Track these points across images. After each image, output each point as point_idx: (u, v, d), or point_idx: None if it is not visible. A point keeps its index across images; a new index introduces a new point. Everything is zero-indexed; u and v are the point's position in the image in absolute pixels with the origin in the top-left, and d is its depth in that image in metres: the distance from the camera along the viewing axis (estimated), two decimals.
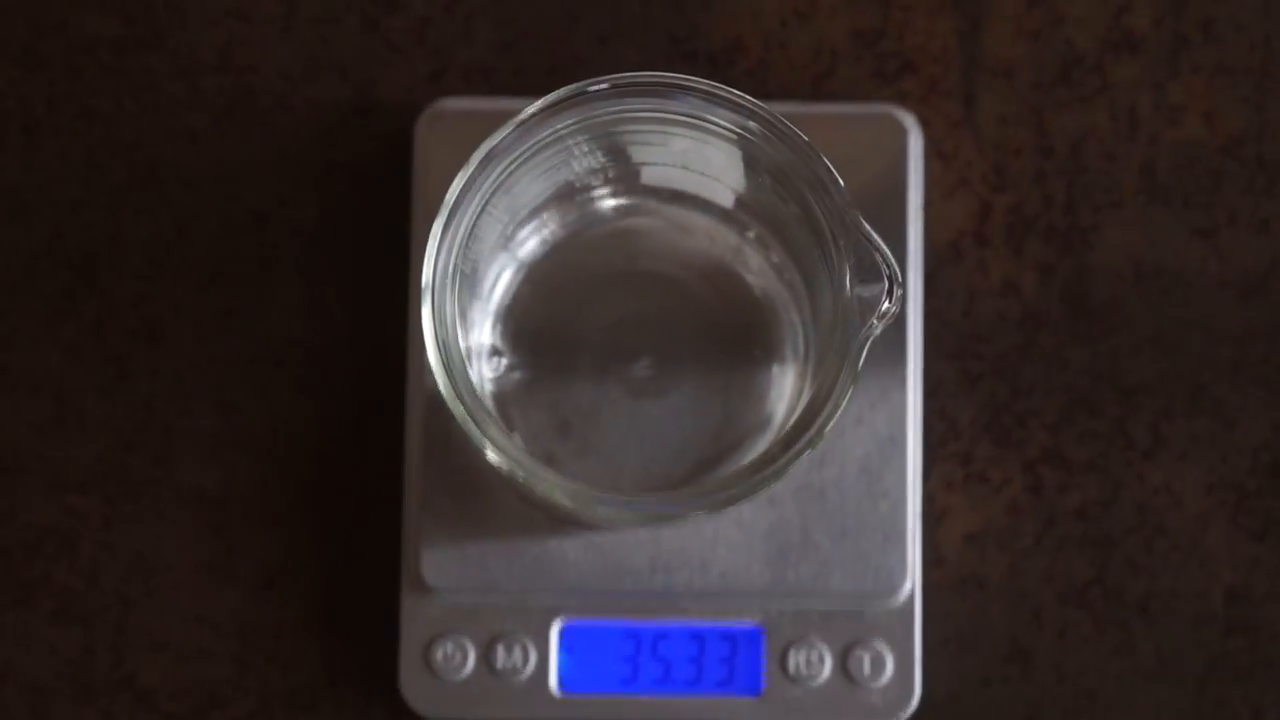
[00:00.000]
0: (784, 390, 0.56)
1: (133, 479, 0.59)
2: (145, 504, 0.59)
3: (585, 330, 0.57)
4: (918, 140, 0.58)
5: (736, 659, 0.57)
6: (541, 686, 0.57)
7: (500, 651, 0.57)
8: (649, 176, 0.55)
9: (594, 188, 0.56)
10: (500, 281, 0.56)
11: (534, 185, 0.53)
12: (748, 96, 0.50)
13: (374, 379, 0.59)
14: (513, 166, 0.51)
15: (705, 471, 0.56)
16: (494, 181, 0.51)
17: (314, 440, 0.59)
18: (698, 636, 0.57)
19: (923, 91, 0.60)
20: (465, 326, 0.52)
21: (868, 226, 0.48)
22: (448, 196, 0.50)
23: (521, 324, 0.57)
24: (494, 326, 0.57)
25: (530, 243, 0.56)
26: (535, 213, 0.55)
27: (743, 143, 0.51)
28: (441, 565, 0.57)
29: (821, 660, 0.57)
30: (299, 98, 0.60)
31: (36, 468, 0.59)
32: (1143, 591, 0.59)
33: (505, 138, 0.50)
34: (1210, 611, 0.59)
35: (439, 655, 0.57)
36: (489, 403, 0.54)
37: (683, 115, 0.51)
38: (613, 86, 0.50)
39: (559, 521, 0.56)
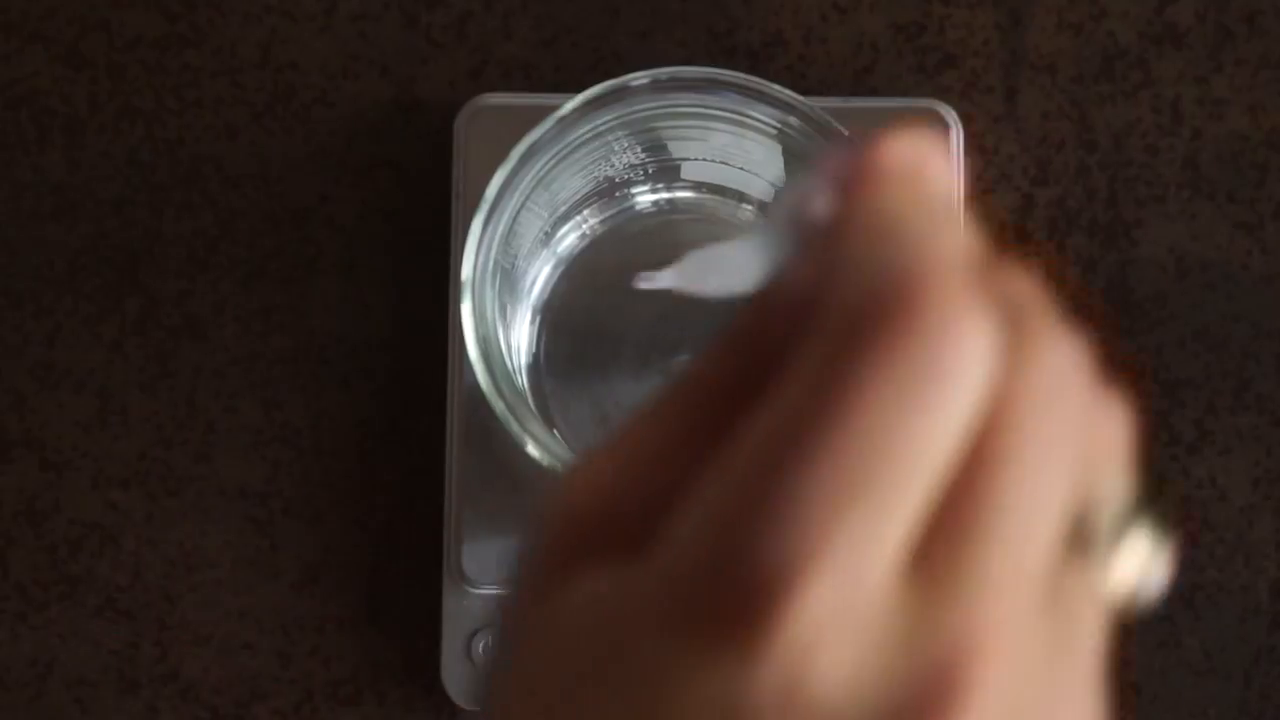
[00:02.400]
0: None
1: (175, 475, 0.59)
2: (188, 500, 0.59)
3: (625, 325, 0.57)
4: (959, 135, 0.58)
5: None
6: None
7: None
8: (689, 172, 0.55)
9: (634, 183, 0.56)
10: (540, 277, 0.56)
11: (574, 181, 0.53)
12: (788, 91, 0.50)
13: (415, 375, 0.59)
14: (553, 162, 0.51)
15: None
16: (534, 177, 0.51)
17: (355, 435, 0.59)
18: None
19: (964, 86, 0.60)
20: (505, 322, 0.52)
21: None
22: (488, 192, 0.50)
23: (561, 319, 0.57)
24: (534, 322, 0.57)
25: (570, 238, 0.56)
26: (575, 208, 0.55)
27: (783, 137, 0.51)
28: (483, 559, 0.57)
29: None
30: (340, 94, 0.60)
31: (80, 464, 0.59)
32: (1188, 585, 0.59)
33: (545, 134, 0.50)
34: (1256, 605, 0.59)
35: (480, 648, 0.57)
36: (529, 398, 0.55)
37: (723, 110, 0.51)
38: (653, 82, 0.50)
39: None
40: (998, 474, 0.25)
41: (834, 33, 0.60)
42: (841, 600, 0.24)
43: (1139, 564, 0.27)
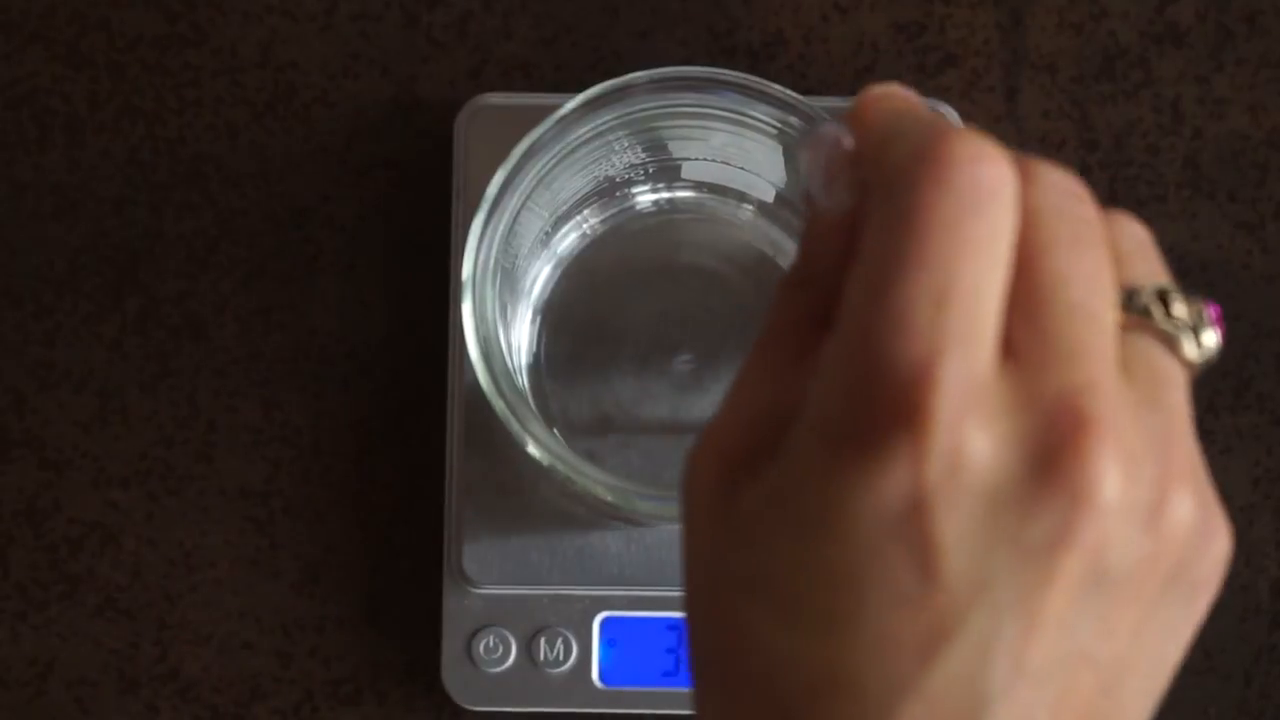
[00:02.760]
0: None
1: (176, 474, 0.59)
2: (188, 499, 0.59)
3: (626, 325, 0.57)
4: None
5: None
6: (583, 679, 0.57)
7: (542, 644, 0.57)
8: (689, 171, 0.55)
9: (634, 183, 0.56)
10: (540, 277, 0.57)
11: (574, 180, 0.53)
12: (788, 91, 0.50)
13: (415, 374, 0.59)
14: (553, 162, 0.51)
15: None
16: (534, 177, 0.51)
17: (356, 435, 0.59)
18: None
19: (964, 85, 0.60)
20: (506, 322, 0.52)
21: None
22: (488, 192, 0.50)
23: (562, 319, 0.57)
24: (534, 322, 0.57)
25: (570, 238, 0.56)
26: (575, 208, 0.55)
27: (783, 137, 0.51)
28: (483, 558, 0.57)
29: None
30: (340, 94, 0.60)
31: (80, 463, 0.59)
32: None
33: (545, 133, 0.50)
34: (1256, 604, 0.59)
35: (481, 648, 0.57)
36: (529, 397, 0.55)
37: (723, 110, 0.51)
38: (653, 82, 0.50)
39: (600, 515, 0.56)
40: (1045, 259, 0.31)
41: (834, 32, 0.60)
42: (969, 379, 0.29)
43: (1192, 326, 0.32)
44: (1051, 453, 0.30)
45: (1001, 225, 0.30)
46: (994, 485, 0.30)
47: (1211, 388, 0.59)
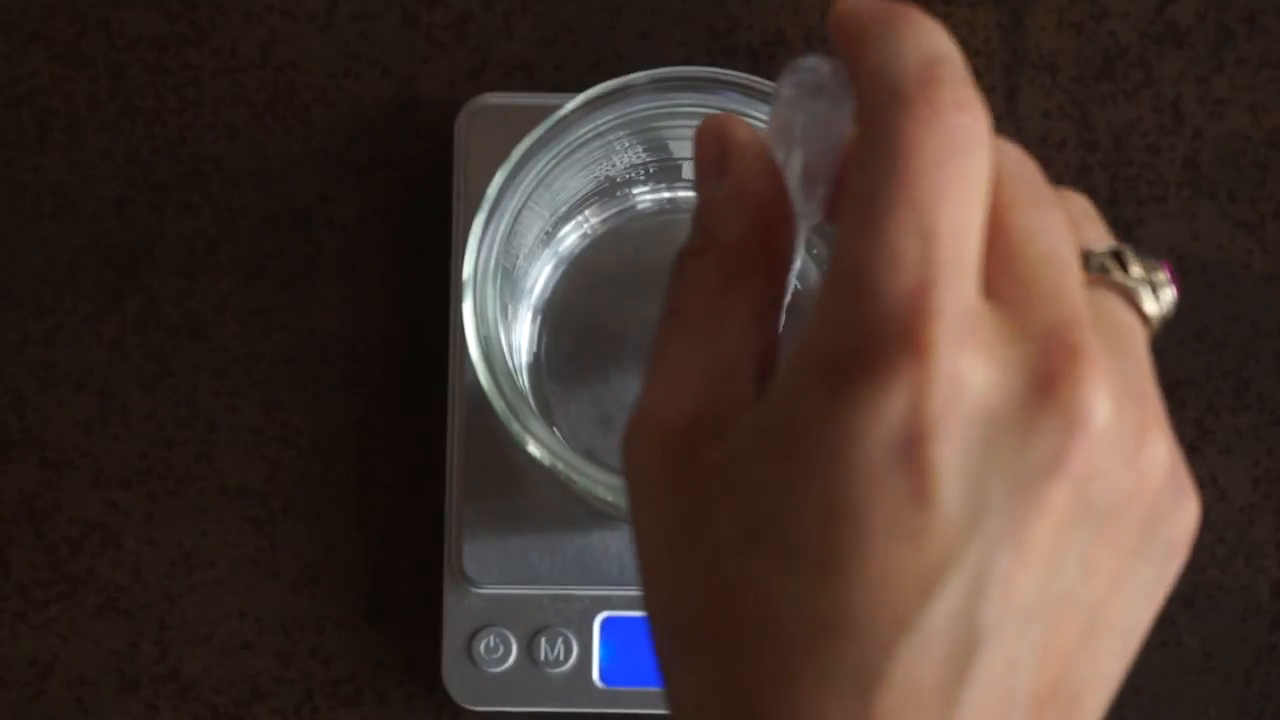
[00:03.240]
0: None
1: (176, 474, 0.59)
2: (188, 499, 0.59)
3: (626, 325, 0.57)
4: None
5: None
6: (584, 678, 0.57)
7: (542, 644, 0.57)
8: (690, 171, 0.55)
9: (635, 183, 0.56)
10: (541, 277, 0.57)
11: (575, 181, 0.53)
12: None
13: (416, 374, 0.59)
14: (553, 162, 0.51)
15: None
16: (535, 177, 0.51)
17: (356, 435, 0.59)
18: None
19: None
20: (506, 322, 0.52)
21: None
22: (488, 192, 0.50)
23: (562, 319, 0.57)
24: (535, 321, 0.57)
25: (571, 238, 0.56)
26: (576, 208, 0.55)
27: None
28: (483, 558, 0.57)
29: None
30: (340, 94, 0.60)
31: (80, 463, 0.59)
32: (1189, 585, 0.59)
33: (546, 133, 0.50)
34: (1256, 604, 0.59)
35: (481, 647, 0.57)
36: (530, 397, 0.55)
37: (724, 110, 0.51)
38: (653, 82, 0.50)
39: (600, 515, 0.56)
40: (1012, 214, 0.32)
41: None
42: (963, 308, 0.30)
43: (1150, 281, 0.33)
44: (1046, 380, 0.30)
45: (982, 169, 0.31)
46: (992, 411, 0.30)
47: (1211, 388, 0.59)
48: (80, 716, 0.59)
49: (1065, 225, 0.32)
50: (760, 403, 0.32)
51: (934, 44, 0.32)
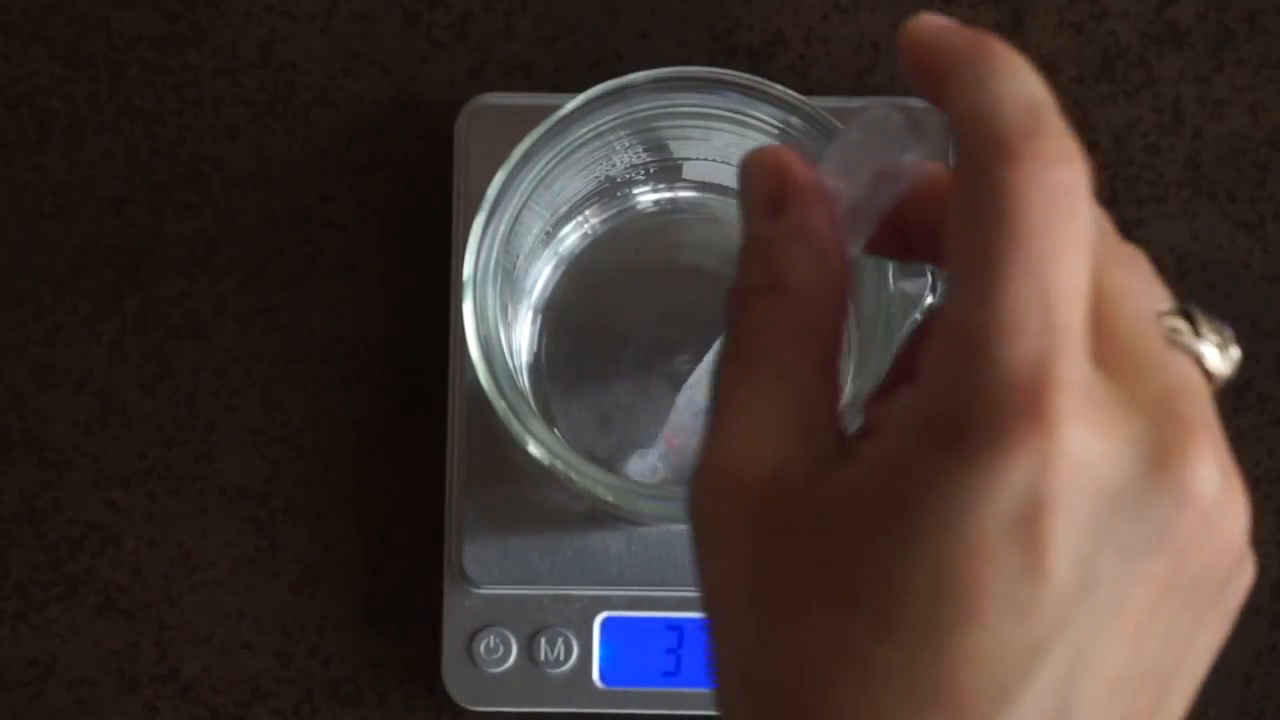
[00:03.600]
0: None
1: (176, 475, 0.59)
2: (188, 499, 0.59)
3: (626, 325, 0.57)
4: None
5: None
6: (584, 679, 0.57)
7: (542, 644, 0.57)
8: (690, 172, 0.55)
9: (635, 183, 0.56)
10: (541, 277, 0.57)
11: (575, 181, 0.54)
12: (789, 91, 0.50)
13: (416, 374, 0.59)
14: (554, 162, 0.51)
15: None
16: (535, 177, 0.51)
17: (356, 435, 0.59)
18: None
19: None
20: (506, 322, 0.52)
21: None
22: (489, 192, 0.50)
23: (562, 319, 0.57)
24: (535, 322, 0.57)
25: (571, 238, 0.56)
26: (576, 208, 0.55)
27: (784, 137, 0.51)
28: (483, 558, 0.57)
29: None
30: (340, 94, 0.60)
31: (80, 464, 0.59)
32: None
33: (546, 133, 0.50)
34: (1256, 605, 0.59)
35: (481, 648, 0.57)
36: (530, 397, 0.55)
37: (724, 110, 0.51)
38: (653, 82, 0.50)
39: (601, 515, 0.56)
40: (1108, 274, 0.31)
41: (835, 32, 0.60)
42: (1083, 380, 0.30)
43: (1218, 342, 0.33)
44: (1161, 453, 0.30)
45: (1089, 228, 0.30)
46: (1108, 485, 0.30)
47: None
48: (80, 716, 0.59)
49: (1150, 283, 0.32)
50: (852, 463, 0.31)
51: (1031, 87, 0.31)
